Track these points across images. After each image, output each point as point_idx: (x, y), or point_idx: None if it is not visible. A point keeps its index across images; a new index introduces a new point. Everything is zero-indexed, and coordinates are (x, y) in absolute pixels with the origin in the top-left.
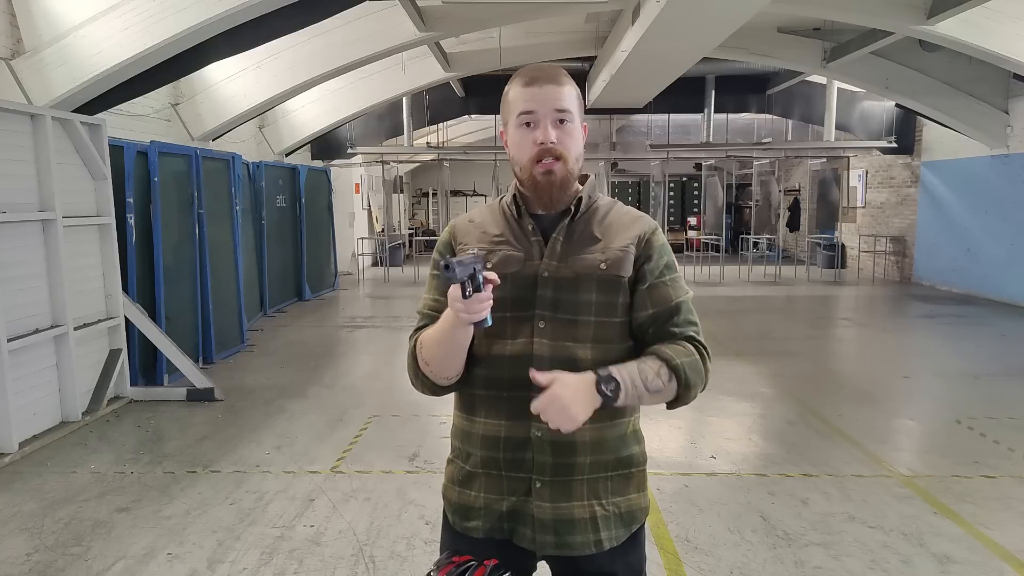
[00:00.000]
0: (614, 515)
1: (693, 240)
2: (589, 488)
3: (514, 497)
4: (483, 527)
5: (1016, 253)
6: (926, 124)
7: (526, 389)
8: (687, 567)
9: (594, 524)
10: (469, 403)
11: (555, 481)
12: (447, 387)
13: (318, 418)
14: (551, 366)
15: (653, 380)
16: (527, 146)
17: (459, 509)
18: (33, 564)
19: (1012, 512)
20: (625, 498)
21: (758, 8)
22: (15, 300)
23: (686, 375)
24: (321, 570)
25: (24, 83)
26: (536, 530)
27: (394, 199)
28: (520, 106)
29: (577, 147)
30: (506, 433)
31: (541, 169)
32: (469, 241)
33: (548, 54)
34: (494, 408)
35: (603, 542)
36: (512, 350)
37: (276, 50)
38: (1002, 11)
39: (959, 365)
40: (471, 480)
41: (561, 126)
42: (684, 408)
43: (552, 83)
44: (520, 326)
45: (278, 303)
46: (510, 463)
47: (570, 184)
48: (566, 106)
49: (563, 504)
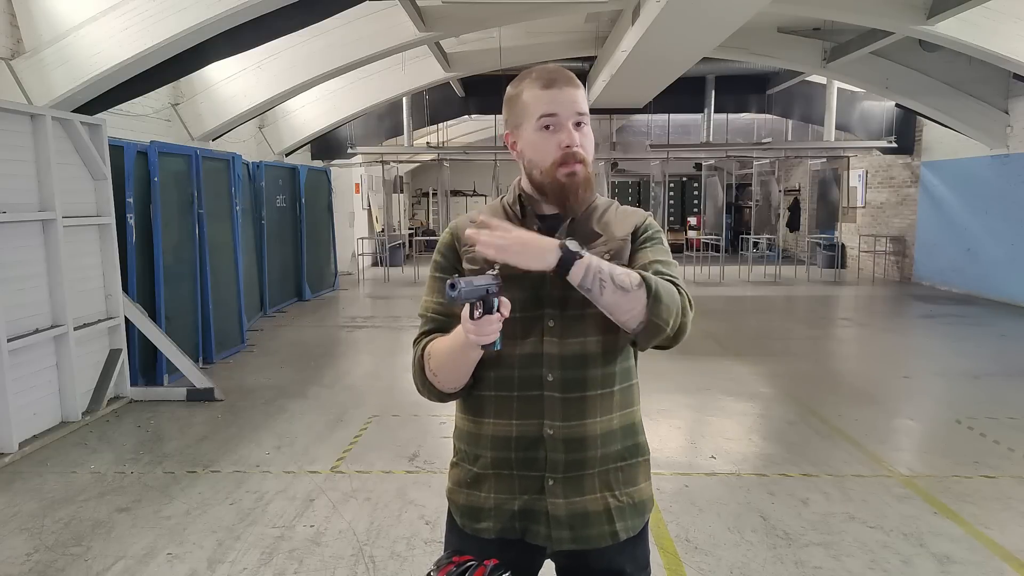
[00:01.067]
0: (628, 505)
1: (693, 240)
2: (601, 480)
3: (526, 495)
4: (494, 527)
5: (1016, 253)
6: (926, 124)
7: (537, 388)
8: (687, 567)
9: (608, 516)
10: (476, 405)
11: (568, 477)
12: (454, 394)
13: (318, 418)
14: (561, 364)
15: (621, 276)
16: (550, 149)
17: (468, 511)
18: (33, 564)
19: (1012, 512)
20: (637, 488)
21: (758, 8)
22: (15, 300)
23: (656, 288)
24: (321, 570)
25: (24, 83)
26: (551, 527)
27: (394, 199)
28: (542, 108)
29: (592, 150)
30: (518, 433)
31: (565, 171)
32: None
33: (548, 54)
34: (505, 409)
35: (619, 533)
36: (523, 350)
37: (276, 50)
38: (1002, 11)
39: (959, 365)
40: (480, 482)
41: (580, 128)
42: (684, 408)
43: (571, 86)
44: (530, 326)
45: (278, 303)
46: (522, 462)
47: (592, 185)
48: (584, 109)
49: (576, 499)
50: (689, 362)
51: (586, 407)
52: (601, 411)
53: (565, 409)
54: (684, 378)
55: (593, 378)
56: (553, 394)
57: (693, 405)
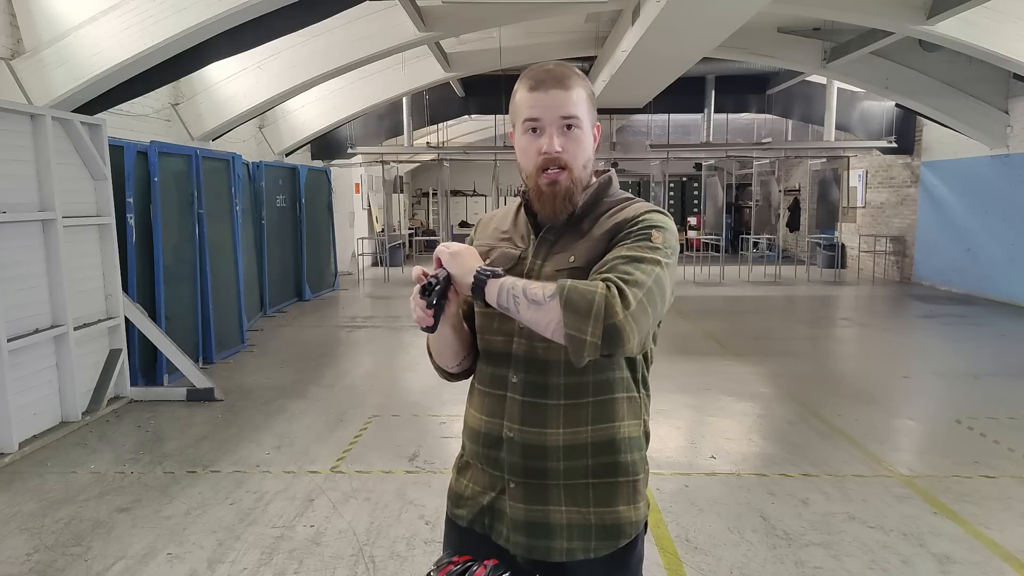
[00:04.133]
0: (596, 526)
1: (693, 240)
2: (567, 494)
3: (493, 493)
4: (467, 516)
5: (1016, 253)
6: (926, 124)
7: (503, 388)
8: (687, 567)
9: (569, 531)
10: (470, 394)
11: (528, 483)
12: (457, 374)
13: (318, 418)
14: (525, 367)
15: (534, 289)
16: (532, 154)
17: (453, 495)
18: (33, 564)
19: (1012, 512)
20: (611, 510)
21: (758, 8)
22: (15, 300)
23: (567, 295)
24: (321, 570)
25: (24, 83)
26: (510, 529)
27: (394, 199)
28: (525, 112)
29: (585, 154)
30: (485, 429)
31: (546, 180)
32: (485, 236)
33: (548, 54)
34: (480, 402)
35: (576, 551)
36: (496, 347)
37: (276, 50)
38: (1002, 11)
39: (959, 365)
40: (466, 469)
41: (568, 132)
42: (684, 408)
43: (559, 87)
44: (505, 324)
45: (278, 303)
46: (487, 459)
47: (575, 193)
48: (573, 112)
49: (537, 507)
50: (689, 362)
51: (547, 415)
52: (566, 422)
53: (524, 413)
54: (684, 378)
55: (554, 386)
56: (515, 396)
57: (693, 405)
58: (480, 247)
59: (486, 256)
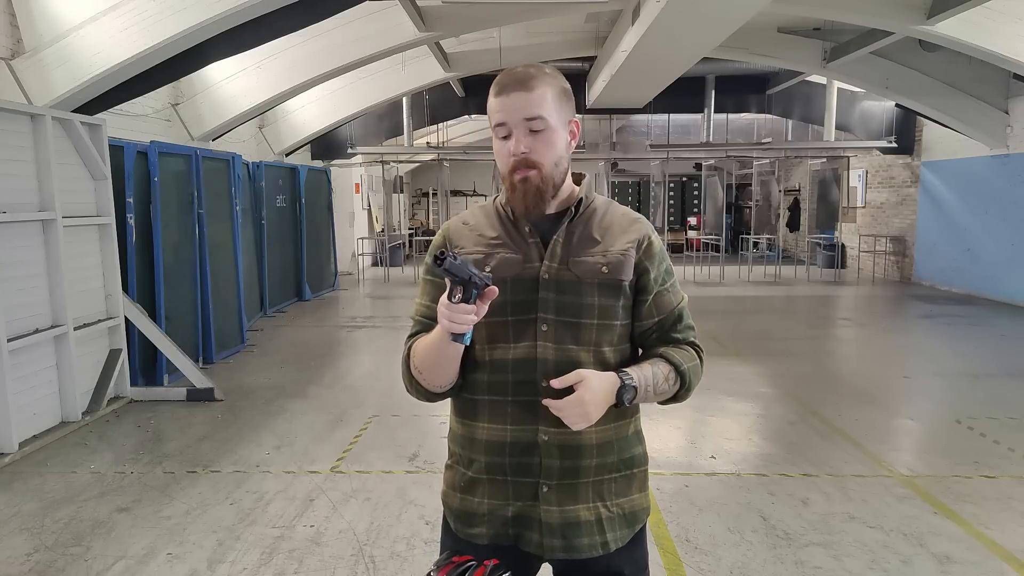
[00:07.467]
0: (619, 516)
1: (693, 240)
2: (594, 490)
3: (520, 502)
4: (487, 533)
5: (1016, 253)
6: (926, 124)
7: (532, 393)
8: (687, 567)
9: (600, 526)
10: (470, 409)
11: (562, 484)
12: (441, 394)
13: (318, 418)
14: (555, 369)
15: (662, 384)
16: (504, 157)
17: (462, 516)
18: (33, 564)
19: (1012, 512)
20: (628, 499)
21: (758, 8)
22: (15, 300)
23: (689, 380)
24: (321, 570)
25: (24, 83)
26: (544, 534)
27: (394, 199)
28: (494, 117)
29: (554, 153)
30: (512, 438)
31: (518, 177)
32: (465, 244)
33: (548, 54)
34: (499, 413)
35: (609, 543)
36: (516, 354)
37: (276, 50)
38: (1002, 11)
39: (959, 365)
40: (474, 486)
41: (534, 134)
42: (684, 408)
43: (521, 89)
44: (523, 330)
45: (278, 303)
46: (516, 468)
47: (548, 190)
48: (536, 113)
49: (569, 507)
50: None
51: None
52: (599, 420)
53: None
54: None
55: None
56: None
57: (693, 405)
58: (472, 255)
59: (484, 264)
